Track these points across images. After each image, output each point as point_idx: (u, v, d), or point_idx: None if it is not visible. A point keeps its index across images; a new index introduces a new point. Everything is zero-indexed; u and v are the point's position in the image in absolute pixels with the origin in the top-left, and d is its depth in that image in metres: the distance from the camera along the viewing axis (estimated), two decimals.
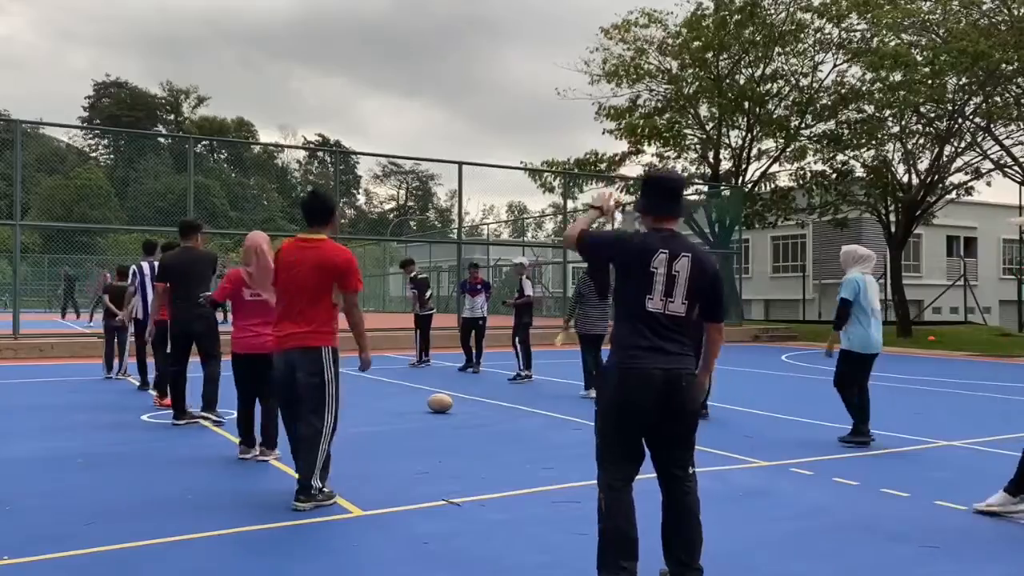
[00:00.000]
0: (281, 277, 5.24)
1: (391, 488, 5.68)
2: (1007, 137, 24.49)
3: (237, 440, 6.79)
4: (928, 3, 25.11)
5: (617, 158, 30.81)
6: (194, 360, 8.03)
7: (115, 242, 43.61)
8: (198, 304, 7.48)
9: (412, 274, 14.72)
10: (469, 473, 6.25)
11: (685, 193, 3.84)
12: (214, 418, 8.06)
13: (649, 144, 28.43)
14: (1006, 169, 24.81)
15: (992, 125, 24.38)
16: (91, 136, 75.26)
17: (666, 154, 29.44)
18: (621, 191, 30.95)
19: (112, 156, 73.83)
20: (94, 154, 74.62)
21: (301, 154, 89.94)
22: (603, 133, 29.92)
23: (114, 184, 57.78)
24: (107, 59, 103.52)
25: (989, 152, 24.94)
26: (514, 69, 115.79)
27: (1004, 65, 22.15)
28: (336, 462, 5.42)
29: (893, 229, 25.42)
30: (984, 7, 24.09)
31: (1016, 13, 23.65)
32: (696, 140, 29.44)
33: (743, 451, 7.12)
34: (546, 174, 32.06)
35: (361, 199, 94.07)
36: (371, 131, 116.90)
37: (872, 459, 6.99)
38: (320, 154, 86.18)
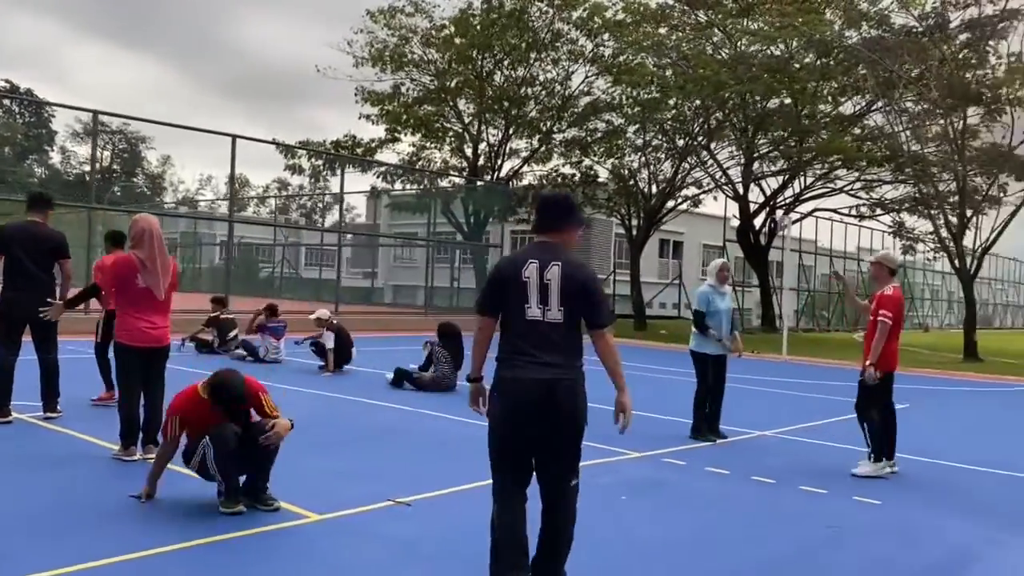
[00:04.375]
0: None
1: (326, 490, 5.52)
2: (730, 159, 28.00)
3: (114, 445, 6.16)
4: (665, 28, 27.88)
5: (375, 144, 30.79)
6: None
7: None
8: (47, 288, 6.82)
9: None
10: (390, 471, 6.23)
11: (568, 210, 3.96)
12: (54, 415, 7.25)
13: (412, 133, 28.73)
14: (723, 187, 28.34)
15: (713, 146, 27.72)
16: None
17: (427, 145, 29.95)
18: (377, 177, 30.98)
19: None
20: None
21: None
22: (360, 118, 29.58)
23: None
24: None
25: (711, 170, 28.35)
26: (259, 35, 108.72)
27: (731, 96, 25.25)
28: None
29: (635, 233, 28.04)
30: (715, 39, 27.26)
31: (739, 48, 27.03)
32: (455, 134, 30.22)
33: (615, 443, 7.63)
34: (300, 154, 31.22)
35: (56, 158, 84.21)
36: (75, 81, 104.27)
37: (718, 448, 7.90)
38: (7, 103, 75.78)
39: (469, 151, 30.40)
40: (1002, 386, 16.04)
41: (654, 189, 27.93)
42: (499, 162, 29.97)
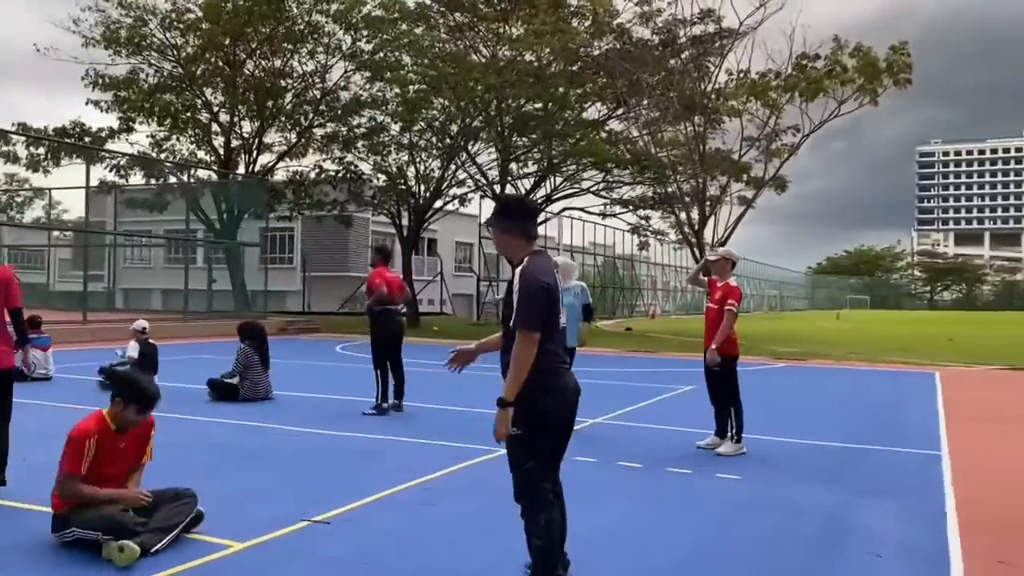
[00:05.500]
0: None
1: (231, 516, 5.05)
2: (491, 160, 28.86)
3: None
4: (422, 28, 28.14)
5: (105, 134, 28.12)
6: None
7: None
8: None
9: None
10: (276, 490, 5.82)
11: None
12: None
13: (159, 123, 26.60)
14: (483, 188, 29.19)
15: (474, 148, 28.47)
16: None
17: (170, 136, 27.82)
18: (108, 169, 28.26)
19: None
20: None
21: None
22: (87, 103, 26.90)
23: None
24: None
25: (470, 170, 29.07)
26: None
27: (492, 98, 26.04)
28: None
29: (405, 232, 28.03)
30: (473, 43, 27.96)
31: (497, 53, 27.96)
32: (202, 125, 28.37)
33: (473, 441, 7.65)
34: (15, 140, 27.83)
35: None
36: None
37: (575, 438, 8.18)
38: None
39: (219, 144, 28.67)
40: (750, 366, 18.02)
41: (423, 188, 28.11)
42: (254, 156, 28.57)
